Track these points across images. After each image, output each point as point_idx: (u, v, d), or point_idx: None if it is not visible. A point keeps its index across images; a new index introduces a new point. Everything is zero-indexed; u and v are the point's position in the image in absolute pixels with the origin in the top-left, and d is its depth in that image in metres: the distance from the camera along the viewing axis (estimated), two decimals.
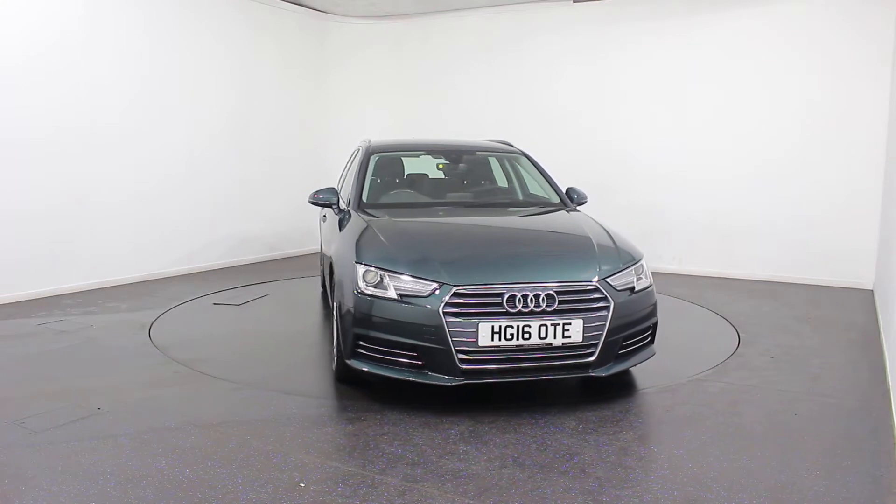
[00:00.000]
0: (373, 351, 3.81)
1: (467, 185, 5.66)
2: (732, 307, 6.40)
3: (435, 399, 3.90)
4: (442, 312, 3.60)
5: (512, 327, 3.61)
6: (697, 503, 2.82)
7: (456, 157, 5.84)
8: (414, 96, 9.87)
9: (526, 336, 3.63)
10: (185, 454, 3.23)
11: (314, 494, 2.85)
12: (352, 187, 5.17)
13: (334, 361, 4.32)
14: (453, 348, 3.60)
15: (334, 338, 4.26)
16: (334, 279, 4.32)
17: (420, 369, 3.72)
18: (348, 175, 5.79)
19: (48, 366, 4.59)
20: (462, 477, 3.02)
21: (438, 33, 9.64)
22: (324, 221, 6.11)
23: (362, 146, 5.75)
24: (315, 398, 4.05)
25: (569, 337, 3.68)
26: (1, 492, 2.87)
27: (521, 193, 5.59)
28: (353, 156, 5.94)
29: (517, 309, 3.63)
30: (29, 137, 6.36)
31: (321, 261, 6.54)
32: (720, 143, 7.97)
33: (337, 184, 6.42)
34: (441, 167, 5.93)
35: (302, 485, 2.94)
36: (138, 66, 7.31)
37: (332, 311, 4.43)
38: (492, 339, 3.60)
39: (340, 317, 4.00)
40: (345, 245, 4.29)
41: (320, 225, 6.50)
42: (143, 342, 5.15)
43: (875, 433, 3.58)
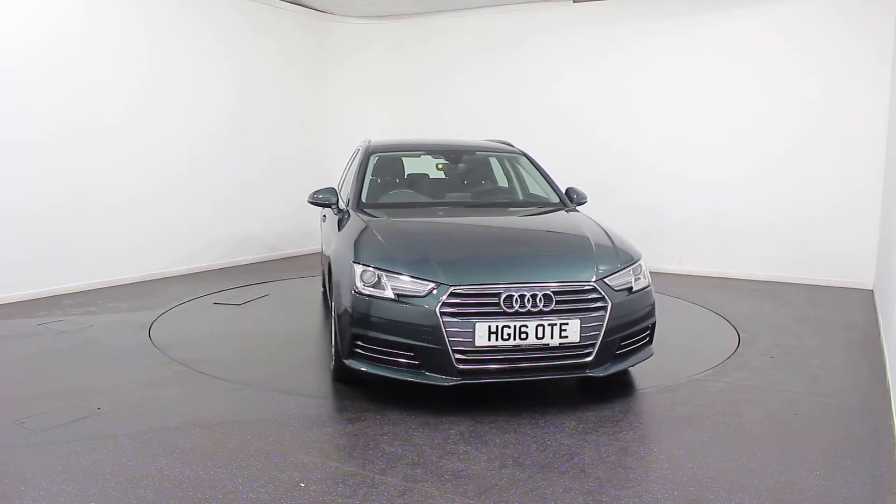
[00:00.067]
0: (370, 351, 3.81)
1: (467, 186, 5.66)
2: (732, 307, 6.40)
3: (435, 399, 3.90)
4: (439, 312, 3.60)
5: (509, 327, 3.60)
6: (697, 503, 2.82)
7: (455, 157, 5.84)
8: (414, 96, 9.87)
9: (523, 336, 3.62)
10: (185, 454, 3.23)
11: (314, 494, 2.85)
12: (351, 187, 5.17)
13: (332, 361, 4.32)
14: (450, 348, 3.60)
15: (332, 337, 4.26)
16: (332, 279, 4.32)
17: (417, 369, 3.72)
18: (348, 175, 5.79)
19: (48, 366, 4.59)
20: (462, 477, 3.02)
21: (438, 33, 9.64)
22: (324, 221, 6.11)
23: (362, 146, 5.75)
24: (315, 398, 4.05)
25: (566, 337, 3.67)
26: (1, 492, 2.87)
27: (521, 193, 5.59)
28: (354, 156, 5.94)
29: (514, 309, 3.63)
30: (29, 137, 6.36)
31: (322, 261, 6.54)
32: (720, 143, 7.97)
33: (337, 184, 6.42)
34: (440, 167, 5.93)
35: (302, 485, 2.94)
36: (138, 66, 7.30)
37: (331, 311, 4.44)
38: (489, 340, 3.60)
39: (338, 316, 4.00)
40: (343, 245, 4.29)
41: (321, 225, 6.51)
42: (143, 342, 5.15)
43: (875, 433, 3.59)
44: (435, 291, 3.65)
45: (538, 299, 3.66)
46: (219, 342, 5.29)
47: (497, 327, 3.60)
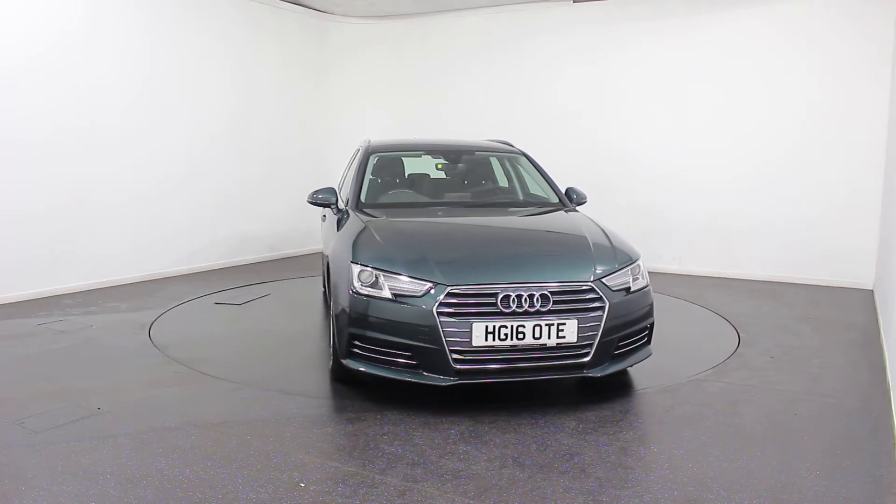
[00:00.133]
0: (368, 351, 3.81)
1: (466, 186, 5.66)
2: (732, 307, 6.40)
3: (434, 399, 3.90)
4: (436, 312, 3.60)
5: (506, 327, 3.60)
6: (697, 503, 2.82)
7: (455, 157, 5.84)
8: (414, 96, 9.87)
9: (520, 336, 3.62)
10: (185, 454, 3.23)
11: (314, 494, 2.85)
12: (351, 187, 5.18)
13: (331, 361, 4.32)
14: (447, 348, 3.59)
15: (331, 337, 4.27)
16: (331, 279, 4.33)
17: (415, 369, 3.72)
18: (348, 175, 5.79)
19: (48, 366, 4.59)
20: (462, 477, 3.02)
21: (438, 33, 9.64)
22: (324, 221, 6.11)
23: (362, 146, 5.75)
24: (315, 398, 4.05)
25: (563, 337, 3.67)
26: (1, 492, 2.87)
27: (521, 193, 5.59)
28: (354, 156, 5.94)
29: (511, 309, 3.63)
30: (29, 137, 6.36)
31: (322, 260, 6.55)
32: (720, 143, 7.97)
33: (337, 184, 6.42)
34: (440, 167, 5.93)
35: (302, 485, 2.94)
36: (138, 66, 7.31)
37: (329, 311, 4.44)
38: (486, 339, 3.59)
39: (336, 316, 4.00)
40: (341, 245, 4.30)
41: (321, 225, 6.51)
42: (143, 342, 5.15)
43: (875, 433, 3.59)
44: (432, 291, 3.65)
45: (535, 299, 3.65)
46: (219, 342, 5.29)
47: (494, 327, 3.59)
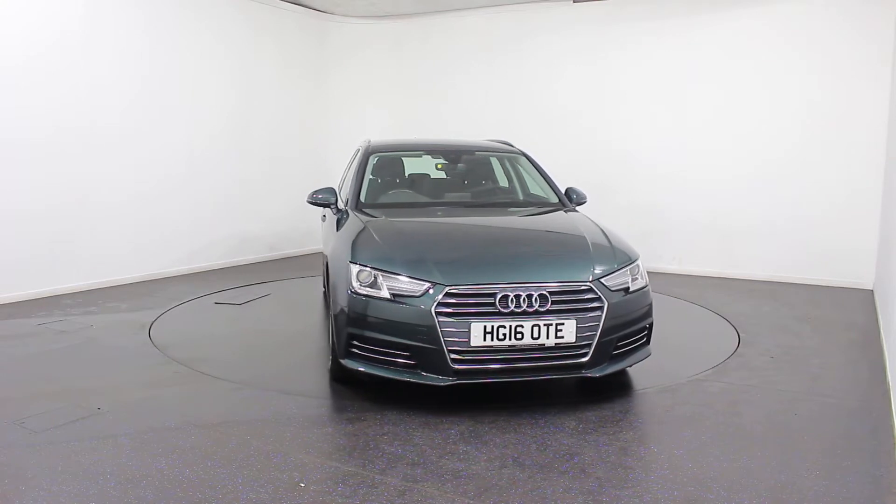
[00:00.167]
0: (366, 350, 3.81)
1: (466, 186, 5.65)
2: (732, 307, 6.40)
3: (434, 399, 3.90)
4: (434, 312, 3.60)
5: (504, 327, 3.60)
6: (697, 503, 2.82)
7: (455, 157, 5.83)
8: (414, 96, 9.87)
9: (518, 336, 3.62)
10: (185, 454, 3.23)
11: (314, 494, 2.85)
12: (350, 187, 5.18)
13: (329, 361, 4.32)
14: (445, 348, 3.59)
15: (330, 337, 4.27)
16: (330, 278, 4.32)
17: (413, 369, 3.72)
18: (348, 175, 5.79)
19: (48, 366, 4.59)
20: (462, 477, 3.02)
21: (438, 33, 9.64)
22: (324, 221, 6.11)
23: (362, 146, 5.75)
24: (315, 398, 4.05)
25: (562, 337, 3.67)
26: (1, 492, 2.87)
27: (521, 193, 5.58)
28: (354, 156, 5.94)
29: (510, 309, 3.63)
30: (29, 137, 6.36)
31: (323, 260, 6.55)
32: (720, 143, 7.97)
33: (338, 184, 6.42)
34: (440, 167, 5.93)
35: (302, 485, 2.94)
36: (138, 66, 7.31)
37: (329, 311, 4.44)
38: (484, 340, 3.59)
39: (335, 316, 4.01)
40: (341, 245, 4.30)
41: (321, 225, 6.51)
42: (143, 342, 5.15)
43: (875, 433, 3.58)
44: (431, 291, 3.65)
45: (534, 299, 3.65)
46: (219, 342, 5.29)
47: (492, 327, 3.59)
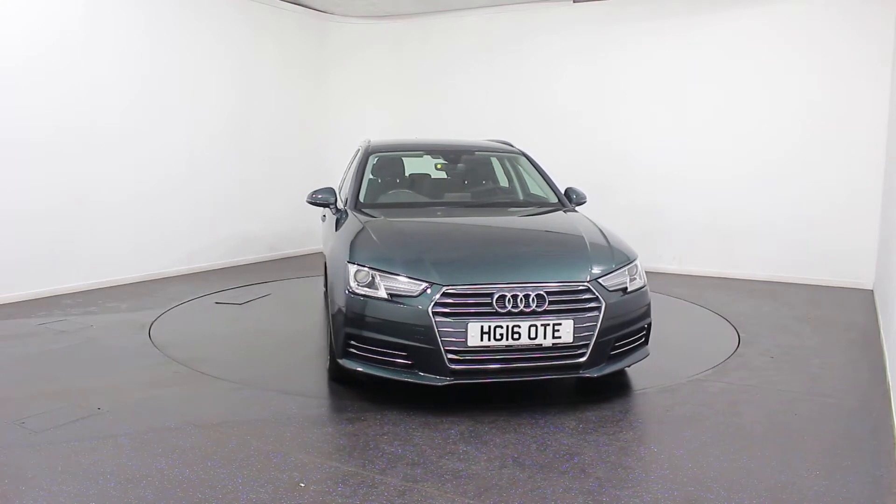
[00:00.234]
0: (364, 350, 3.81)
1: (466, 186, 5.65)
2: (732, 307, 6.40)
3: (434, 399, 3.90)
4: (431, 312, 3.60)
5: (501, 327, 3.60)
6: (697, 503, 2.82)
7: (455, 157, 5.83)
8: (414, 96, 9.87)
9: (515, 336, 3.62)
10: (185, 454, 3.23)
11: (314, 494, 2.85)
12: (350, 187, 5.18)
13: (328, 361, 4.32)
14: (443, 348, 3.59)
15: (328, 337, 4.26)
16: (328, 278, 4.32)
17: (410, 369, 3.71)
18: (348, 175, 5.79)
19: (48, 366, 4.59)
20: (462, 477, 3.02)
21: (438, 33, 9.64)
22: (324, 221, 6.11)
23: (362, 146, 5.75)
24: (315, 398, 4.05)
25: (559, 337, 3.66)
26: (1, 492, 2.87)
27: (521, 194, 5.58)
28: (354, 156, 5.94)
29: (507, 309, 3.62)
30: (29, 137, 6.36)
31: (323, 260, 6.54)
32: (720, 143, 7.97)
33: (338, 184, 6.42)
34: (440, 167, 5.93)
35: (302, 485, 2.94)
36: (138, 66, 7.30)
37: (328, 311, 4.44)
38: (481, 340, 3.59)
39: (332, 316, 4.01)
40: (339, 245, 4.30)
41: (321, 225, 6.50)
42: (143, 342, 5.15)
43: (875, 433, 3.59)
44: (428, 291, 3.65)
45: (531, 299, 3.65)
46: (219, 342, 5.29)
47: (489, 327, 3.59)
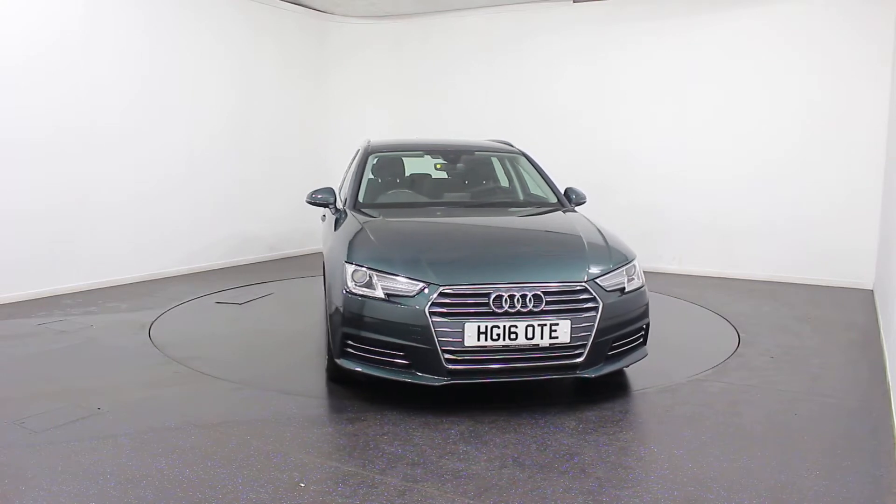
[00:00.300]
0: (361, 350, 3.81)
1: (466, 186, 5.65)
2: (732, 307, 6.40)
3: (434, 399, 3.90)
4: (428, 312, 3.59)
5: (498, 327, 3.59)
6: (697, 503, 2.82)
7: (455, 157, 5.83)
8: (414, 96, 9.87)
9: (512, 336, 3.61)
10: (185, 454, 3.23)
11: (314, 494, 2.85)
12: (349, 187, 5.18)
13: (326, 360, 4.32)
14: (439, 348, 3.59)
15: (326, 337, 4.26)
16: (326, 278, 4.33)
17: (408, 369, 3.71)
18: (348, 175, 5.79)
19: (48, 366, 4.59)
20: (462, 477, 3.02)
21: (438, 33, 9.64)
22: (323, 221, 6.11)
23: (362, 146, 5.75)
24: (315, 398, 4.05)
25: (556, 338, 3.66)
26: (1, 492, 2.87)
27: (521, 194, 5.58)
28: (355, 156, 5.94)
29: (504, 309, 3.62)
30: (29, 137, 6.36)
31: (323, 260, 6.55)
32: (720, 143, 7.97)
33: (338, 184, 6.42)
34: (439, 167, 5.93)
35: (302, 485, 2.94)
36: (138, 66, 7.31)
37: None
38: (478, 340, 3.59)
39: (330, 316, 4.01)
40: (337, 245, 4.30)
41: (321, 225, 6.50)
42: (143, 342, 5.15)
43: (875, 433, 3.59)
44: (425, 291, 3.65)
45: (528, 299, 3.64)
46: (219, 342, 5.29)
47: (486, 327, 3.59)
